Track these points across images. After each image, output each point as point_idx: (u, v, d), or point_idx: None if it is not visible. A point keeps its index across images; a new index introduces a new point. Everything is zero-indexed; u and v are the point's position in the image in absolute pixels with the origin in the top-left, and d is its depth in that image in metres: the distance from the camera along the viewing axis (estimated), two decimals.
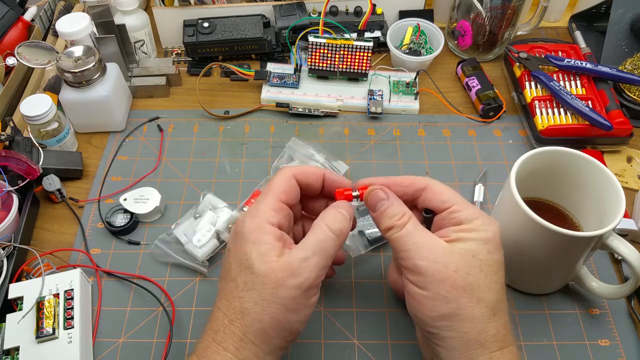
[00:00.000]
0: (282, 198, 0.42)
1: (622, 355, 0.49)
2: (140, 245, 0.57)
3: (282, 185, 0.42)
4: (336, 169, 0.61)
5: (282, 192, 0.42)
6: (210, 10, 0.75)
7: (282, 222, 0.41)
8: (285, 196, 0.42)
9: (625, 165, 0.64)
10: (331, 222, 0.40)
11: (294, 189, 0.43)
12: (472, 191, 0.61)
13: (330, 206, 0.43)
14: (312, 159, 0.61)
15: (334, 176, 0.46)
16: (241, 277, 0.38)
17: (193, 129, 0.69)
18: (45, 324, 0.45)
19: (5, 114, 0.68)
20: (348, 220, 0.42)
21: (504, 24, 0.73)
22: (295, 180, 0.43)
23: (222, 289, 0.40)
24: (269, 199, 0.41)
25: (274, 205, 0.41)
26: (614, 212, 0.44)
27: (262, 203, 0.41)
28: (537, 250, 0.47)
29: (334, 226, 0.40)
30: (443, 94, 0.72)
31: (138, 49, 0.76)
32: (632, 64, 0.70)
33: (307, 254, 0.38)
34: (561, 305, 0.52)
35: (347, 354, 0.49)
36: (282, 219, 0.41)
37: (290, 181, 0.43)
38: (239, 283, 0.38)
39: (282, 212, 0.41)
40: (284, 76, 0.72)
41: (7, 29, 0.75)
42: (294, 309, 0.38)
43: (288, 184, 0.43)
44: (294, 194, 0.43)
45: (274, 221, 0.40)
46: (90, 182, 0.63)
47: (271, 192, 0.42)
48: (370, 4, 0.73)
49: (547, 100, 0.66)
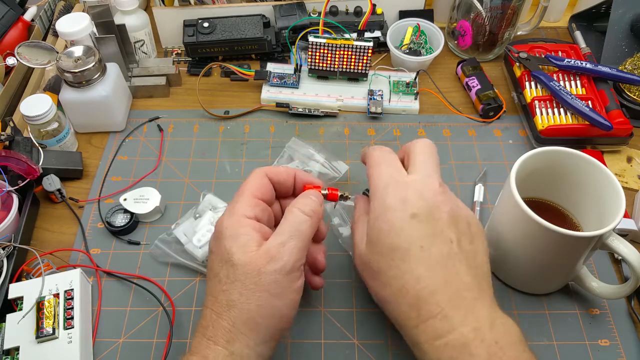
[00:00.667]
0: (256, 194, 0.43)
1: (622, 355, 0.49)
2: (140, 245, 0.57)
3: (255, 183, 0.44)
4: (336, 169, 0.61)
5: (255, 189, 0.44)
6: (210, 10, 0.75)
7: (259, 216, 0.42)
8: (259, 193, 0.44)
9: (625, 165, 0.64)
10: (301, 206, 0.42)
11: (267, 186, 0.45)
12: (472, 191, 0.61)
13: (299, 195, 0.45)
14: (312, 159, 0.61)
15: (305, 175, 0.47)
16: (223, 271, 0.40)
17: (193, 129, 0.69)
18: (45, 324, 0.45)
19: (5, 114, 0.68)
20: (318, 203, 0.44)
21: (504, 24, 0.73)
22: (268, 179, 0.45)
23: (207, 288, 0.42)
24: (243, 196, 0.43)
25: (249, 201, 0.43)
26: (614, 212, 0.44)
27: (237, 202, 0.43)
28: (537, 250, 0.47)
29: (305, 208, 0.42)
30: (443, 94, 0.72)
31: (138, 49, 0.76)
32: (632, 64, 0.70)
33: (283, 238, 0.40)
34: (561, 305, 0.52)
35: (347, 354, 0.49)
36: (259, 213, 0.43)
37: (263, 179, 0.45)
38: (222, 277, 0.40)
39: (259, 206, 0.43)
40: (284, 76, 0.72)
41: (7, 29, 0.75)
42: (277, 293, 0.39)
43: (260, 182, 0.44)
44: (268, 190, 0.45)
45: (250, 215, 0.42)
46: (90, 182, 0.63)
47: (245, 190, 0.43)
48: (370, 4, 0.73)
49: (547, 100, 0.66)
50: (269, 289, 0.38)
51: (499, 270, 0.53)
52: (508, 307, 0.52)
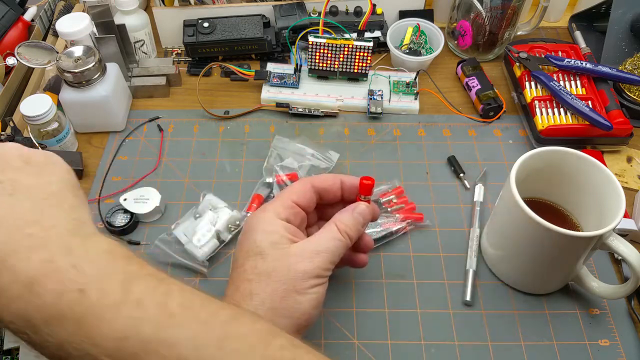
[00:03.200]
0: (293, 198, 0.43)
1: (622, 355, 0.49)
2: (140, 245, 0.57)
3: (295, 188, 0.44)
4: (328, 159, 0.63)
5: (293, 193, 0.44)
6: (210, 10, 0.75)
7: (291, 219, 0.43)
8: (296, 197, 0.44)
9: (625, 165, 0.64)
10: (340, 224, 0.42)
11: (307, 192, 0.45)
12: (472, 191, 0.61)
13: (346, 208, 0.44)
14: (301, 153, 0.62)
15: (351, 179, 0.46)
16: (250, 262, 0.40)
17: (193, 129, 0.69)
18: None
19: (5, 114, 0.68)
20: (360, 223, 0.44)
21: (504, 24, 0.73)
22: (311, 186, 0.45)
23: (230, 278, 0.42)
24: (280, 198, 0.43)
25: (284, 203, 0.43)
26: (614, 212, 0.44)
27: (273, 202, 0.43)
28: (537, 250, 0.47)
29: (347, 230, 0.42)
30: (443, 94, 0.72)
31: (138, 49, 0.76)
32: (632, 64, 0.70)
33: (318, 248, 0.40)
34: (561, 305, 0.52)
35: (347, 354, 0.49)
36: (291, 216, 0.43)
37: (305, 186, 0.45)
38: (247, 268, 0.40)
39: (292, 209, 0.43)
40: (284, 76, 0.72)
41: (7, 29, 0.75)
42: (300, 290, 0.39)
43: (301, 188, 0.44)
44: (307, 196, 0.44)
45: (282, 216, 0.42)
46: (90, 182, 0.63)
47: (284, 194, 0.44)
48: (370, 4, 0.73)
49: (547, 100, 0.66)
50: (295, 285, 0.39)
51: (499, 270, 0.54)
52: (508, 307, 0.52)
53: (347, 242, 0.42)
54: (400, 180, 0.62)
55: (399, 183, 0.61)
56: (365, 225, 0.45)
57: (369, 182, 0.44)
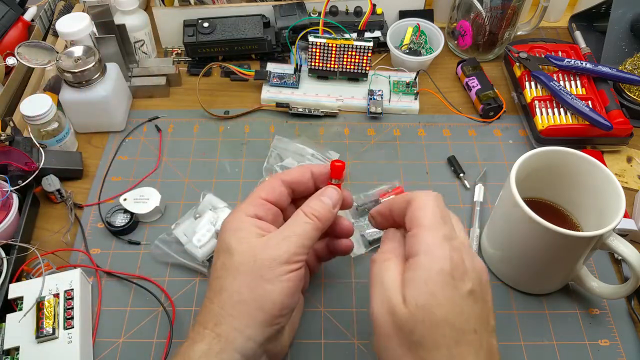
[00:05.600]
0: (261, 195, 0.44)
1: (622, 355, 0.49)
2: (140, 245, 0.57)
3: (264, 185, 0.45)
4: (328, 158, 0.63)
5: (262, 190, 0.44)
6: (210, 10, 0.75)
7: (261, 214, 0.43)
8: (264, 193, 0.44)
9: (625, 165, 0.64)
10: (307, 209, 0.42)
11: (276, 187, 0.45)
12: (472, 191, 0.61)
13: (314, 194, 0.44)
14: (301, 154, 0.62)
15: (320, 168, 0.46)
16: (220, 260, 0.41)
17: (193, 129, 0.69)
18: (45, 324, 0.45)
19: (5, 114, 0.68)
20: (328, 206, 0.43)
21: (504, 24, 0.73)
22: (281, 181, 0.45)
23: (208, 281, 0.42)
24: (248, 197, 0.44)
25: (253, 201, 0.43)
26: (614, 212, 0.44)
27: (242, 203, 0.44)
28: (537, 250, 0.47)
29: (310, 211, 0.42)
30: (443, 94, 0.72)
31: (138, 49, 0.76)
32: (632, 64, 0.70)
33: (285, 234, 0.41)
34: (561, 305, 0.52)
35: (347, 354, 0.49)
36: (262, 212, 0.43)
37: (273, 181, 0.45)
38: (218, 266, 0.41)
39: (263, 206, 0.43)
40: (284, 76, 0.72)
41: (7, 29, 0.75)
42: (270, 279, 0.39)
43: (270, 184, 0.45)
44: (277, 191, 0.45)
45: (250, 213, 0.42)
46: (90, 182, 0.63)
47: (252, 193, 0.44)
48: (370, 4, 0.73)
49: (547, 100, 0.66)
50: (262, 274, 0.39)
51: (499, 270, 0.54)
52: (508, 307, 0.52)
53: (316, 224, 0.41)
54: (400, 180, 0.62)
55: (399, 183, 0.61)
56: (336, 208, 0.44)
57: (340, 164, 0.44)
